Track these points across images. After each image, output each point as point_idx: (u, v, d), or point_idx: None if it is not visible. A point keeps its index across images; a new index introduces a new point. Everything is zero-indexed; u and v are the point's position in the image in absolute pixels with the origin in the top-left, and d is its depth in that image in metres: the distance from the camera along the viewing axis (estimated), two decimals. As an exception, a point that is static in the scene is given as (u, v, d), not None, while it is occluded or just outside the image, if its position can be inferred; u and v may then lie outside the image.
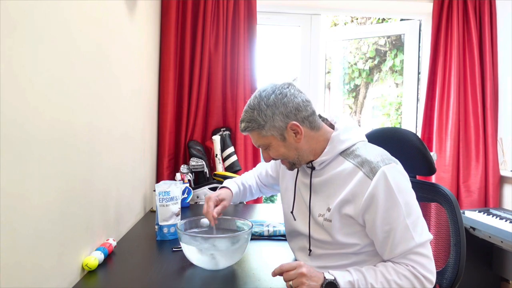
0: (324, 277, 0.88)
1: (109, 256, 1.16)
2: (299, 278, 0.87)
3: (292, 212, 1.11)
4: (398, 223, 0.90)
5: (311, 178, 1.04)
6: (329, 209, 0.98)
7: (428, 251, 0.92)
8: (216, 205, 1.17)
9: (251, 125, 0.99)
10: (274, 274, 0.91)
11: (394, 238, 0.90)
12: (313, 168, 1.04)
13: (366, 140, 1.06)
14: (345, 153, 1.00)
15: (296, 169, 1.10)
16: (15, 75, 0.71)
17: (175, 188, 1.37)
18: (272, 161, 1.32)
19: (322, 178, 1.02)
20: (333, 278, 0.88)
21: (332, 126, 1.06)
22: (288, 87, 0.99)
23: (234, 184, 1.30)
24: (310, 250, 1.04)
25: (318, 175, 1.03)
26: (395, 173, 0.93)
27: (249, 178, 1.37)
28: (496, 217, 1.91)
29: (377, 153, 0.97)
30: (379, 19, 3.85)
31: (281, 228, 1.41)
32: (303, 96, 1.00)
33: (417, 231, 0.91)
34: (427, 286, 0.90)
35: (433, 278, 0.91)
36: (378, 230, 0.92)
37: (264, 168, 1.35)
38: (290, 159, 1.02)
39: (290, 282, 0.88)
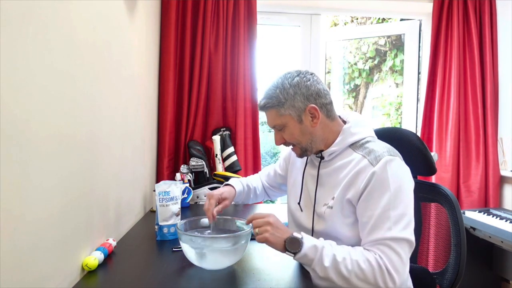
0: (292, 233, 0.91)
1: (109, 256, 1.16)
2: (264, 226, 0.92)
3: (299, 203, 1.12)
4: (380, 210, 0.89)
5: (319, 170, 1.06)
6: (333, 198, 1.00)
7: (403, 250, 0.87)
8: (217, 204, 1.18)
9: (271, 102, 1.03)
10: (248, 221, 0.98)
11: (373, 224, 0.90)
12: (322, 158, 1.06)
13: (376, 136, 1.08)
14: (354, 145, 1.02)
15: (305, 161, 1.12)
16: (16, 76, 0.71)
17: (175, 188, 1.37)
18: (281, 160, 1.34)
19: (330, 169, 1.04)
20: (300, 237, 0.91)
21: (345, 122, 1.09)
22: (312, 74, 1.05)
23: (238, 183, 1.32)
24: None
25: (326, 166, 1.05)
26: (396, 165, 0.94)
27: (254, 180, 1.38)
28: (496, 217, 1.91)
29: (384, 146, 1.00)
30: (379, 19, 3.85)
31: (281, 228, 1.41)
32: (324, 85, 1.06)
33: (398, 226, 0.88)
34: (388, 283, 0.85)
35: (398, 279, 0.86)
36: (363, 214, 0.93)
37: (273, 168, 1.38)
38: (303, 143, 1.05)
39: (257, 229, 0.93)
